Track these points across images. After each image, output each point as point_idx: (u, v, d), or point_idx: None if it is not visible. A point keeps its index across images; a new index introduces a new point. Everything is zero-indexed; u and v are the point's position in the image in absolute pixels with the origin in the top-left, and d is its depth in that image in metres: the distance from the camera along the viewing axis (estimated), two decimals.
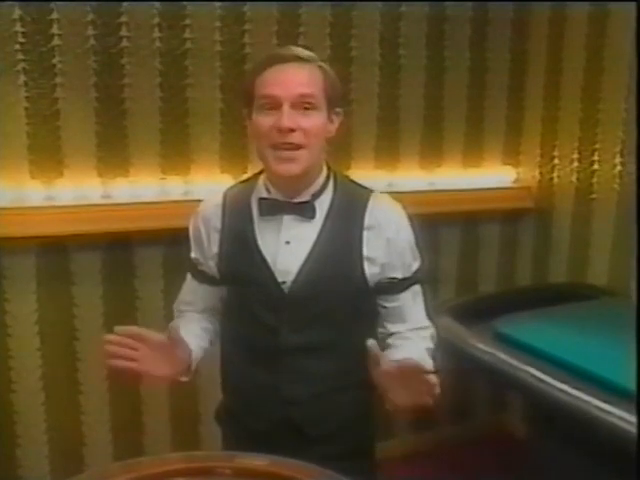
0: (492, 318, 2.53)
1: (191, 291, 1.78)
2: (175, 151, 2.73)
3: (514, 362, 2.28)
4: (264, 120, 1.47)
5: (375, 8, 2.99)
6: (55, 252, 2.61)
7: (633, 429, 1.90)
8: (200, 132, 2.76)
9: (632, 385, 1.97)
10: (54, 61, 2.48)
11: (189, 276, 1.78)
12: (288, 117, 1.44)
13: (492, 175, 3.43)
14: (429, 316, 1.78)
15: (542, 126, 3.40)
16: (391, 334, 1.70)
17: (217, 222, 1.63)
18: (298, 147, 1.48)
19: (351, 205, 1.61)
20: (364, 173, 3.03)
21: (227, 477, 1.35)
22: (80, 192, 2.59)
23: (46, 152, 2.54)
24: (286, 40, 2.81)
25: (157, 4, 2.58)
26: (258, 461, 1.34)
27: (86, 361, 2.73)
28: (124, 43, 2.56)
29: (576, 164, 3.22)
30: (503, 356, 2.30)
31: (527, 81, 3.42)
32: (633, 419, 1.91)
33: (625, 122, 2.96)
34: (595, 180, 3.13)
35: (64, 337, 2.69)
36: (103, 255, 2.69)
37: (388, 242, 1.61)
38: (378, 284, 1.64)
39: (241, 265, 1.60)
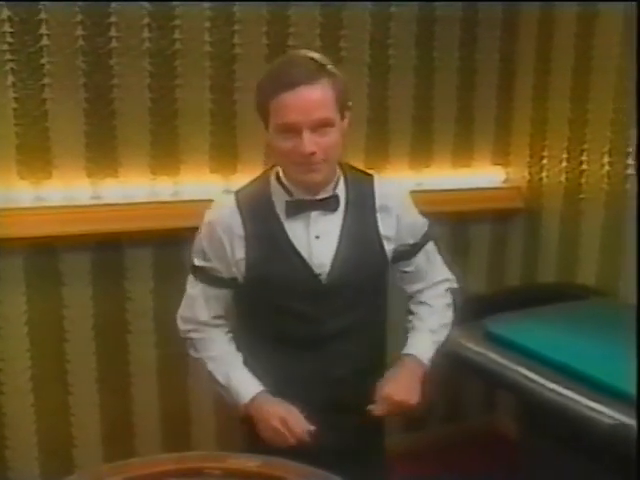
0: (482, 318, 2.54)
1: (207, 300, 1.77)
2: (165, 151, 2.73)
3: (504, 362, 2.29)
4: (284, 144, 1.55)
5: (365, 9, 2.99)
6: (44, 253, 2.60)
7: (623, 428, 1.91)
8: (190, 132, 2.76)
9: (622, 384, 2.00)
10: (43, 61, 2.47)
11: (200, 287, 1.77)
12: (309, 142, 1.51)
13: (482, 175, 3.44)
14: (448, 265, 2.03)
15: (531, 126, 3.41)
16: (413, 295, 1.92)
17: (239, 228, 1.65)
18: (318, 162, 1.56)
19: (362, 192, 1.73)
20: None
21: (217, 478, 1.35)
22: (69, 193, 2.58)
23: (35, 153, 2.53)
24: (276, 40, 2.82)
25: (146, 4, 2.58)
26: (249, 462, 1.35)
27: (76, 362, 2.72)
28: (113, 43, 2.56)
29: (565, 164, 3.23)
30: (493, 356, 2.32)
31: (516, 82, 3.43)
32: (622, 418, 1.92)
33: (613, 122, 2.97)
34: (584, 180, 3.14)
35: (54, 338, 2.68)
36: (93, 256, 2.68)
37: (398, 219, 1.77)
38: (394, 254, 1.81)
39: (274, 265, 1.66)
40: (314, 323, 1.70)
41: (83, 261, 2.67)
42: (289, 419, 1.65)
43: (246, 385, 1.72)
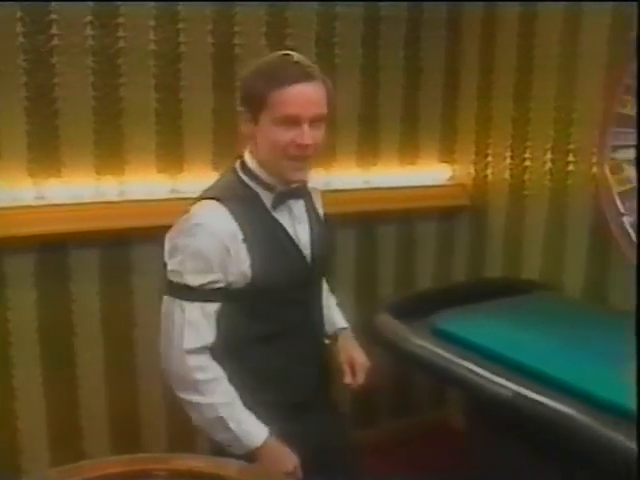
0: (430, 314, 2.57)
1: (208, 321, 1.68)
2: (109, 151, 2.69)
3: (451, 357, 2.32)
4: (283, 135, 1.60)
5: (311, 8, 3.00)
6: None
7: (567, 420, 1.95)
8: (135, 132, 2.73)
9: (568, 377, 2.05)
10: None
11: (199, 307, 1.66)
12: (308, 134, 1.59)
13: (428, 173, 3.48)
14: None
15: (476, 124, 3.46)
16: None
17: (239, 232, 1.64)
18: (308, 157, 1.65)
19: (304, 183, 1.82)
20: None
21: (163, 479, 1.34)
22: (12, 193, 2.53)
23: None
24: (222, 39, 2.81)
25: (89, 2, 2.54)
26: (195, 462, 1.34)
27: (20, 366, 2.67)
28: (55, 41, 2.51)
29: (509, 161, 3.29)
30: (440, 351, 2.34)
31: (461, 80, 3.48)
32: (567, 410, 1.96)
33: (555, 120, 3.04)
34: (527, 177, 3.21)
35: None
36: (37, 257, 2.63)
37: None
38: None
39: (276, 257, 1.70)
40: (306, 307, 1.80)
41: (27, 263, 2.62)
42: (295, 463, 1.70)
43: (257, 429, 1.68)
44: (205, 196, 1.71)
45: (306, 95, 1.59)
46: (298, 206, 1.77)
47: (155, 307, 1.79)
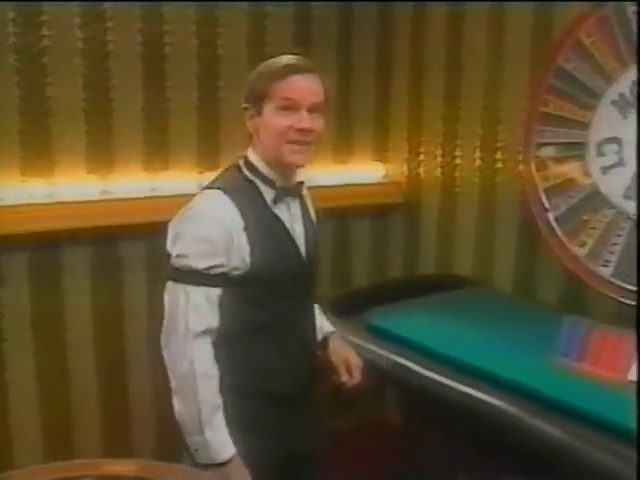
0: (364, 311, 2.60)
1: (211, 305, 1.72)
2: (37, 152, 2.63)
3: (385, 353, 2.35)
4: (281, 120, 1.71)
5: (241, 8, 2.99)
6: None
7: (498, 412, 2.00)
8: (63, 132, 2.67)
9: (501, 371, 2.09)
10: None
11: (203, 291, 1.70)
12: (306, 120, 1.71)
13: (362, 171, 3.51)
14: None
15: (408, 123, 3.50)
16: None
17: (240, 221, 1.71)
18: (307, 143, 1.74)
19: (302, 184, 1.91)
20: None
21: None
22: None
23: None
24: (151, 38, 2.78)
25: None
26: (125, 466, 1.33)
27: None
28: None
29: (440, 159, 3.35)
30: (374, 348, 2.37)
31: (393, 79, 3.52)
32: (497, 402, 2.01)
33: (483, 119, 3.11)
34: (458, 174, 3.26)
35: None
36: None
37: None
38: None
39: (274, 249, 1.77)
40: (300, 303, 1.88)
41: None
42: None
43: (228, 444, 1.70)
44: (208, 187, 1.80)
45: (304, 84, 1.72)
46: (295, 204, 1.86)
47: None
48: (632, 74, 2.37)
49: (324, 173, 3.34)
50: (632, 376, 2.05)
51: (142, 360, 2.94)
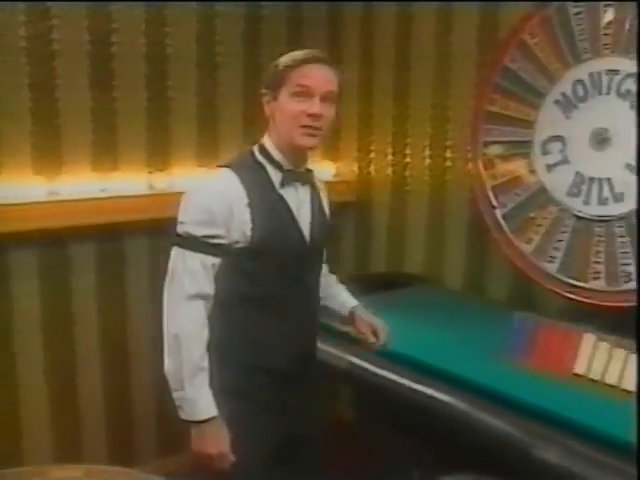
0: None
1: (206, 271, 1.81)
2: None
3: (335, 352, 2.36)
4: (296, 105, 1.80)
5: (190, 7, 2.97)
6: None
7: (450, 410, 2.04)
8: (9, 133, 2.62)
9: (448, 366, 2.12)
10: None
11: (200, 257, 1.80)
12: (318, 106, 1.79)
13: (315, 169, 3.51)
14: None
15: (359, 122, 3.53)
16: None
17: (244, 197, 1.80)
18: (318, 129, 1.82)
19: (312, 173, 2.00)
20: (186, 170, 3.05)
21: None
22: None
23: None
24: (98, 37, 2.75)
25: None
26: (72, 471, 1.32)
27: None
28: None
29: (391, 158, 3.38)
30: (324, 347, 2.37)
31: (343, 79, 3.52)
32: (449, 399, 2.04)
33: (432, 118, 3.15)
34: (408, 173, 3.30)
35: None
36: None
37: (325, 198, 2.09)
38: None
39: (276, 226, 1.85)
40: (300, 283, 1.93)
41: None
42: (222, 450, 1.79)
43: (209, 405, 1.78)
44: (219, 166, 1.90)
45: (319, 73, 1.82)
46: (304, 191, 1.93)
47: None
48: (573, 74, 2.44)
49: None
50: (578, 369, 2.10)
51: (94, 362, 2.94)
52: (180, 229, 1.82)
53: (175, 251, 1.83)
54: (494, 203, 2.64)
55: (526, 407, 1.93)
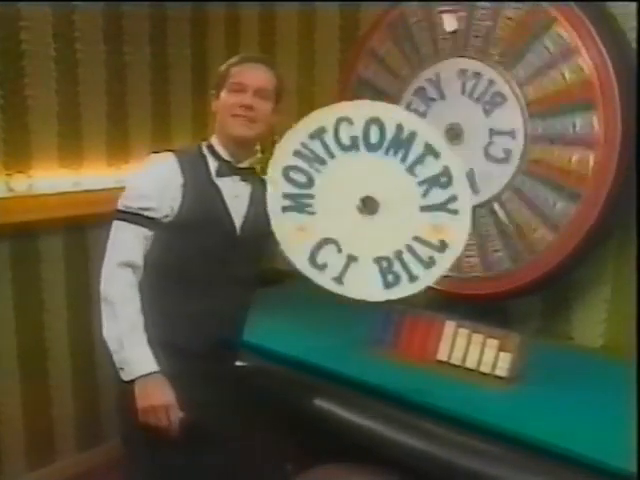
0: None
1: (139, 242, 1.91)
2: None
3: None
4: (231, 98, 1.96)
5: (47, 4, 2.88)
6: None
7: (317, 402, 2.08)
8: None
9: (315, 359, 2.17)
10: None
11: (132, 228, 1.90)
12: (250, 99, 1.95)
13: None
14: None
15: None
16: None
17: (179, 177, 1.93)
18: (252, 121, 1.95)
19: (252, 170, 2.09)
20: (48, 173, 2.96)
21: None
22: None
23: None
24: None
25: None
26: None
27: None
28: None
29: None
30: None
31: (209, 77, 3.50)
32: (316, 392, 2.09)
33: (300, 113, 3.17)
34: None
35: None
36: None
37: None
38: None
39: (205, 211, 1.95)
40: (226, 268, 1.99)
41: None
42: (167, 403, 1.84)
43: (147, 361, 1.84)
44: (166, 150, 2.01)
45: (253, 70, 1.98)
46: (243, 186, 2.03)
47: None
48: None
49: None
50: (441, 356, 2.18)
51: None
52: (120, 203, 1.93)
53: (114, 223, 1.93)
54: None
55: (389, 395, 1.98)
